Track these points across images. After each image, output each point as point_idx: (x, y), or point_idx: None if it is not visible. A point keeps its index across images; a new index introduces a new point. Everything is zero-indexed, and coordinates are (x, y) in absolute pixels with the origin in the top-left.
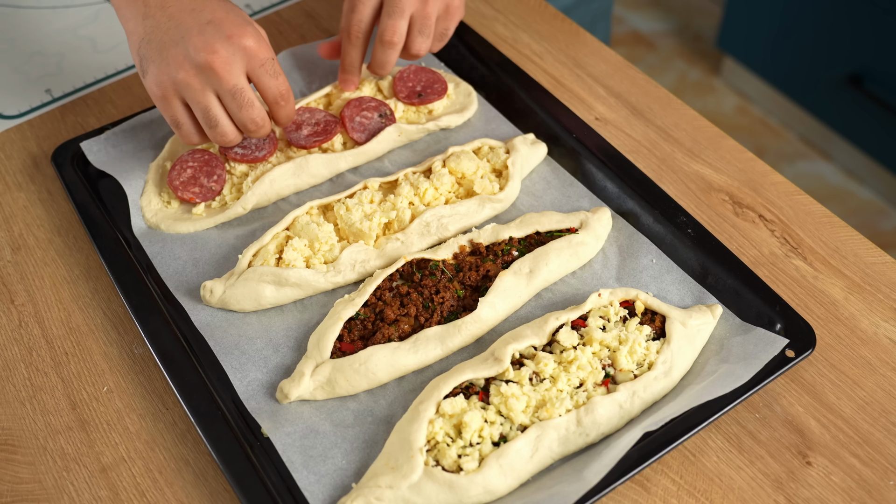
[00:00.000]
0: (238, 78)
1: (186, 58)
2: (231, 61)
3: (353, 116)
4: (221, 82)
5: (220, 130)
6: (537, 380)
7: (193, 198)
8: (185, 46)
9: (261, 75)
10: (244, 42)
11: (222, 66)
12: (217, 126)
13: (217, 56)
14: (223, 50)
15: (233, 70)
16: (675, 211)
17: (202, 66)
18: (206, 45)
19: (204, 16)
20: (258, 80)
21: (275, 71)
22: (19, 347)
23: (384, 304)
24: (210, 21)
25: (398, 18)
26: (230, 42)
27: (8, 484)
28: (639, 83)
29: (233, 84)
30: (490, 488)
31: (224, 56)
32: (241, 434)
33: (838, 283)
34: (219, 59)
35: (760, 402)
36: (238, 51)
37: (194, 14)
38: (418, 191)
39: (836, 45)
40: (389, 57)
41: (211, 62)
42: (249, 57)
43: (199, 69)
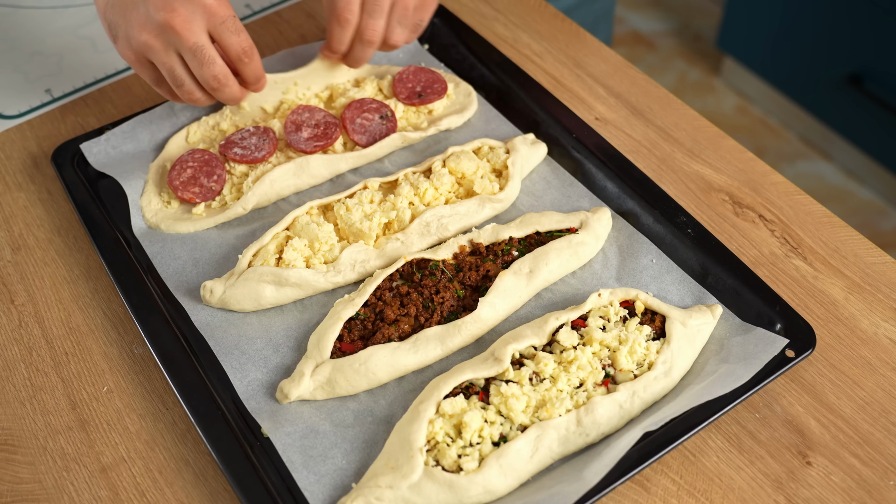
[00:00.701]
0: (198, 35)
1: (147, 18)
2: (190, 19)
3: (354, 118)
4: (181, 40)
5: (185, 89)
6: (537, 380)
7: (193, 198)
8: (146, 6)
9: (222, 32)
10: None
11: (182, 24)
12: (182, 85)
13: (176, 14)
14: (182, 8)
15: (192, 28)
16: (675, 211)
17: (162, 25)
18: (165, 4)
19: None
20: (220, 37)
21: (236, 28)
22: (19, 347)
23: (384, 304)
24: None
25: (379, 18)
26: (189, 0)
27: (8, 484)
28: (639, 83)
29: (193, 42)
30: (490, 488)
31: (183, 14)
32: (241, 434)
33: (838, 283)
34: (178, 18)
35: (760, 402)
36: (197, 9)
37: None
38: (418, 191)
39: (836, 45)
40: (367, 53)
41: (170, 20)
42: (209, 14)
43: (161, 29)
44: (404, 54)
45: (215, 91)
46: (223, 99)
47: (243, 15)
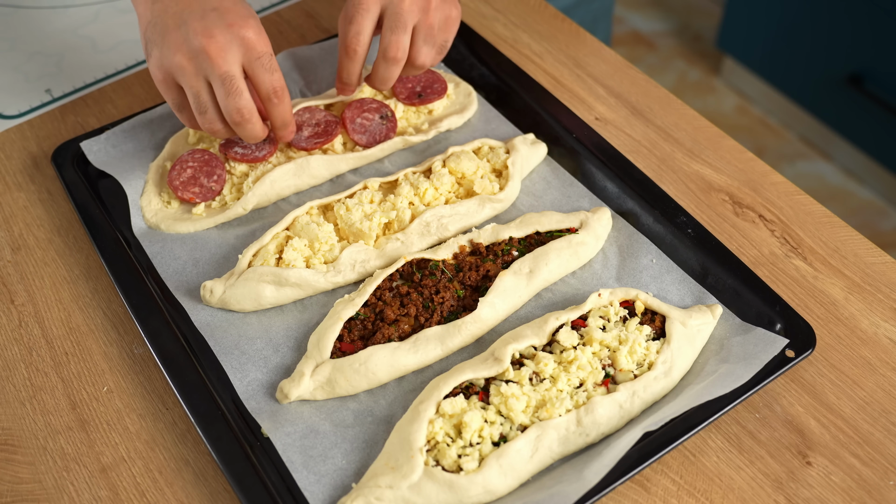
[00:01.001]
0: (231, 66)
1: (185, 41)
2: (227, 48)
3: (354, 118)
4: (213, 67)
5: (208, 117)
6: (537, 380)
7: (193, 198)
8: (186, 30)
9: (256, 68)
10: (244, 32)
11: (217, 52)
12: (206, 113)
13: (213, 41)
14: (220, 36)
15: (227, 57)
16: (675, 211)
17: (197, 50)
18: (205, 29)
19: (210, 3)
20: (253, 72)
21: (271, 66)
22: (19, 347)
23: (384, 304)
24: (215, 8)
25: (401, 33)
26: (229, 30)
27: (8, 484)
28: (639, 83)
29: (224, 70)
30: (490, 488)
31: (220, 42)
32: (241, 434)
33: (838, 283)
34: (214, 45)
35: (760, 402)
36: (235, 39)
37: (201, 1)
38: (418, 191)
39: (836, 45)
40: (393, 73)
41: (206, 46)
42: (247, 48)
43: (195, 53)
44: None
45: (237, 125)
46: (243, 135)
47: None
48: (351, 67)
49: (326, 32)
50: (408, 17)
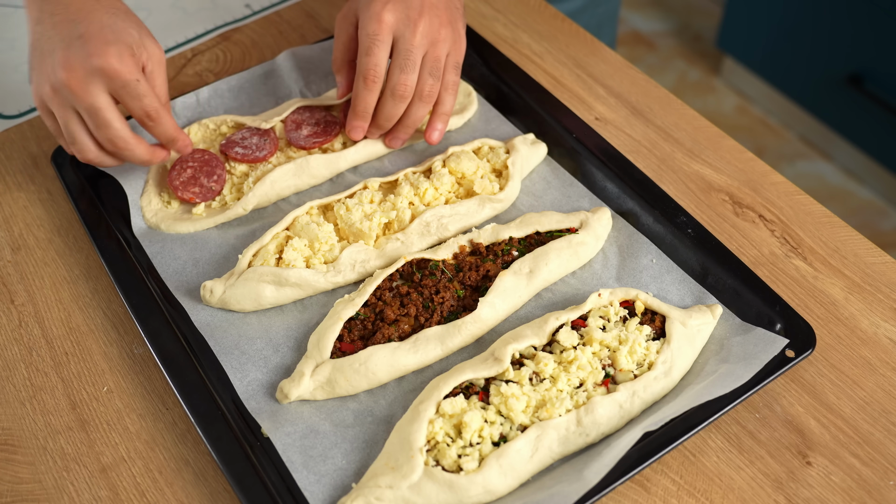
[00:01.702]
0: (95, 97)
1: (52, 72)
2: (88, 81)
3: None
4: (77, 100)
5: (77, 147)
6: (537, 380)
7: (193, 198)
8: (53, 60)
9: (123, 97)
10: (100, 62)
11: (77, 85)
12: (74, 143)
13: (73, 75)
14: (80, 69)
15: (89, 89)
16: (675, 211)
17: (61, 83)
18: (66, 61)
19: (77, 29)
20: (122, 100)
21: (137, 93)
22: (19, 347)
23: (384, 304)
24: (80, 35)
25: (410, 72)
26: (89, 61)
27: (8, 484)
28: (639, 83)
29: (89, 103)
30: (490, 488)
31: (79, 75)
32: (241, 434)
33: (838, 283)
34: (74, 79)
35: (760, 402)
36: (96, 71)
37: (72, 26)
38: (418, 191)
39: (836, 45)
40: (399, 110)
41: (67, 81)
42: (109, 77)
43: (58, 86)
44: None
45: (115, 153)
46: (131, 160)
47: (243, 15)
48: (369, 98)
49: (326, 32)
50: (417, 55)
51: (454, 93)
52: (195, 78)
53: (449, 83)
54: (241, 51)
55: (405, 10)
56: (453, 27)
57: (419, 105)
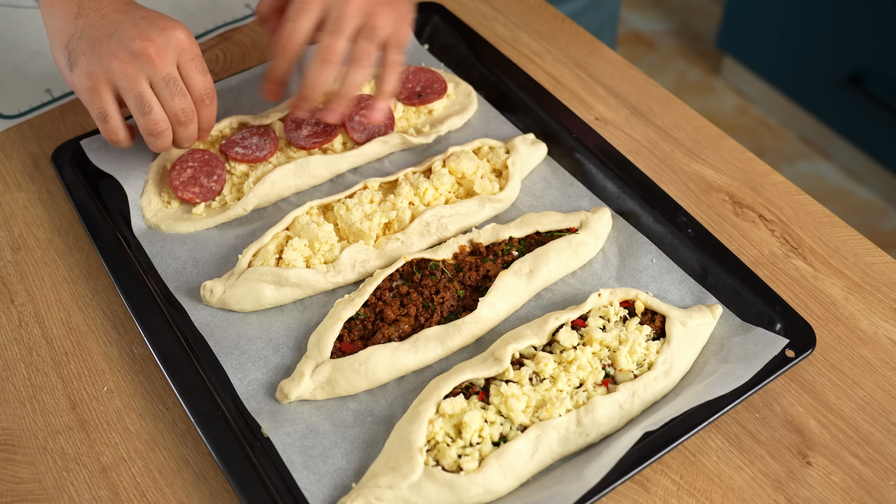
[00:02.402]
0: (171, 66)
1: (121, 46)
2: (165, 50)
3: (353, 115)
4: (156, 69)
5: (153, 118)
6: (537, 380)
7: (193, 198)
8: (120, 37)
9: (190, 69)
10: (177, 34)
11: (157, 53)
12: (151, 112)
13: (152, 43)
14: (158, 38)
15: (167, 58)
16: (675, 211)
17: (137, 52)
18: (141, 33)
19: (138, 13)
20: (187, 74)
21: (203, 68)
22: (19, 347)
23: (384, 304)
24: (144, 16)
25: (338, 37)
26: (164, 33)
27: (8, 484)
28: (639, 83)
29: (167, 72)
30: (490, 488)
31: (159, 44)
32: (241, 434)
33: (838, 283)
34: (153, 46)
35: (760, 402)
36: (171, 41)
37: (128, 12)
38: (418, 191)
39: (837, 45)
40: (324, 76)
41: (146, 49)
42: (182, 49)
43: (134, 56)
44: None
45: (180, 125)
46: (182, 136)
47: (243, 15)
48: (281, 65)
49: None
50: (347, 22)
51: (397, 72)
52: None
53: (393, 62)
54: (241, 51)
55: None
56: (394, 7)
57: (354, 70)
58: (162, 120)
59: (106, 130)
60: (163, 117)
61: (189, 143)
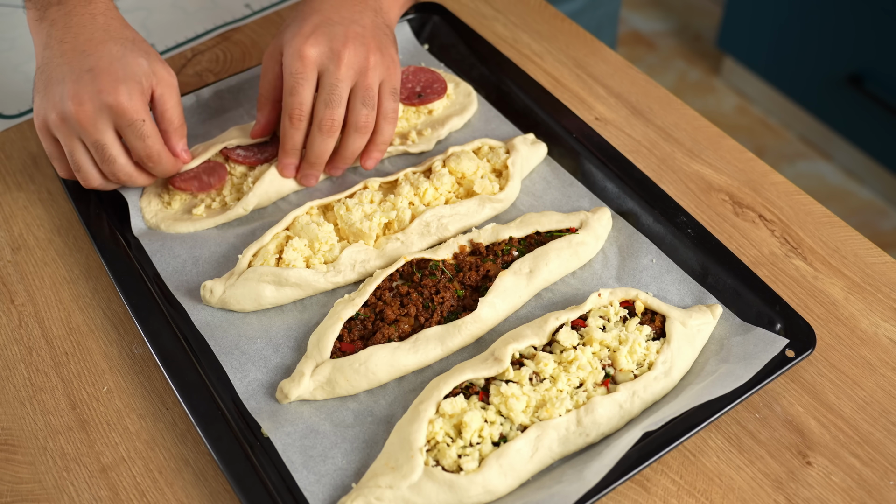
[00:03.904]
0: (102, 133)
1: (61, 100)
2: (96, 116)
3: None
4: (84, 134)
5: (82, 175)
6: (537, 380)
7: (189, 187)
8: (62, 90)
9: (127, 135)
10: (110, 99)
11: (86, 120)
12: (79, 170)
13: (82, 109)
14: (89, 104)
15: (97, 125)
16: (675, 211)
17: (69, 115)
18: (76, 94)
19: (88, 62)
20: (125, 138)
21: (142, 133)
22: (19, 347)
23: (384, 304)
24: (90, 69)
25: (335, 107)
26: (99, 97)
27: (8, 484)
28: (639, 83)
29: (95, 138)
30: (490, 488)
31: (88, 110)
32: (241, 434)
33: (838, 283)
34: (83, 113)
35: (760, 402)
36: (104, 107)
37: (81, 57)
38: (418, 191)
39: (837, 45)
40: (328, 145)
41: (76, 113)
42: (116, 115)
43: (66, 117)
44: (404, 55)
45: (114, 183)
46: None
47: (243, 15)
48: (296, 136)
49: None
50: (343, 89)
51: (393, 121)
52: (195, 78)
53: (387, 111)
54: (241, 51)
55: (328, 42)
56: (383, 52)
57: (354, 136)
58: (93, 178)
59: (55, 167)
60: (94, 175)
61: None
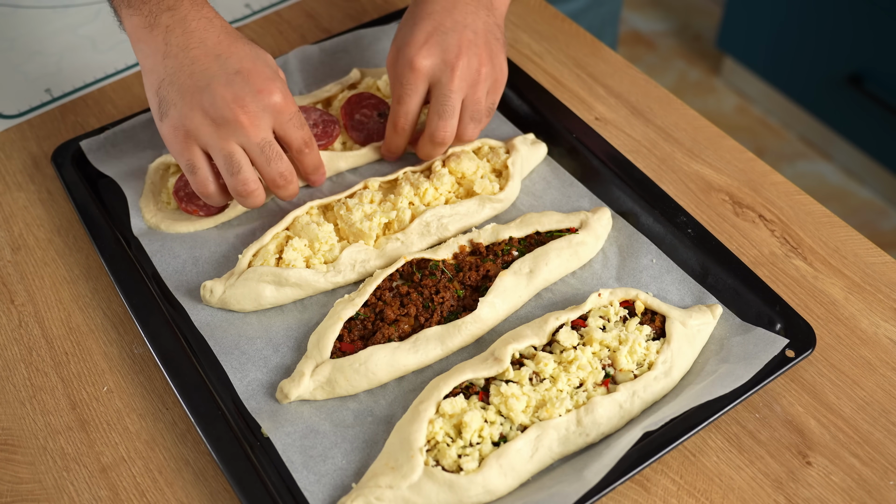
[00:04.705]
0: (266, 132)
1: (213, 107)
2: (260, 116)
3: (353, 114)
4: (249, 137)
5: (241, 178)
6: (537, 380)
7: (197, 210)
8: (212, 96)
9: (288, 129)
10: (273, 99)
11: (250, 122)
12: (240, 172)
13: (245, 112)
14: (252, 105)
15: (261, 125)
16: (675, 211)
17: (230, 119)
18: (236, 98)
19: (231, 64)
20: (285, 132)
21: (300, 122)
22: (19, 347)
23: (384, 304)
24: (238, 71)
25: (448, 118)
26: (259, 98)
27: (8, 484)
28: (639, 83)
29: (261, 138)
30: (490, 488)
31: (253, 111)
32: (241, 434)
33: (838, 283)
34: (247, 116)
35: (760, 402)
36: (267, 107)
37: (220, 61)
38: (418, 191)
39: (837, 45)
40: (438, 152)
41: (238, 117)
42: (277, 112)
43: (225, 121)
44: None
45: (278, 188)
46: (282, 195)
47: (243, 15)
48: (399, 142)
49: (326, 32)
50: (455, 101)
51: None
52: None
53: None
54: None
55: (441, 53)
56: (493, 63)
57: (456, 145)
58: (252, 180)
59: (195, 182)
60: (252, 177)
61: (290, 199)
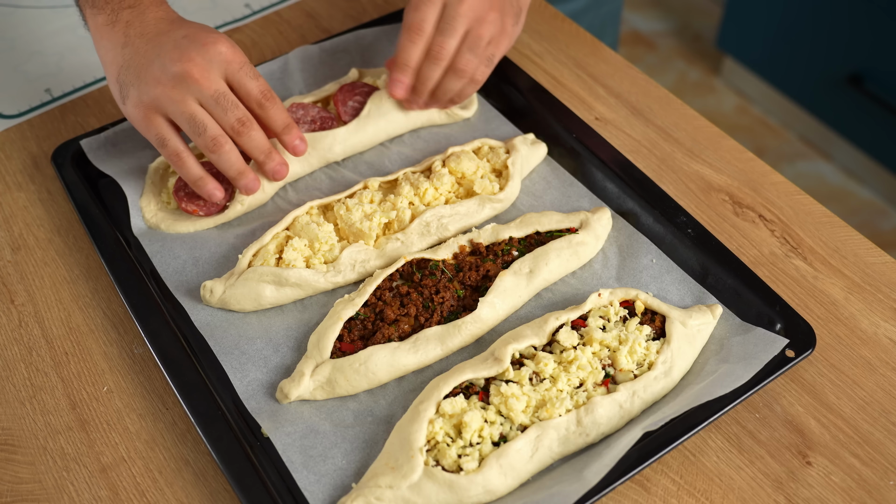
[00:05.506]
0: (217, 82)
1: (164, 71)
2: (208, 67)
3: (346, 101)
4: (202, 88)
5: (209, 135)
6: (537, 380)
7: (196, 210)
8: (162, 62)
9: (240, 78)
10: (218, 48)
11: (200, 73)
12: (205, 131)
13: (193, 63)
14: (199, 57)
15: (211, 75)
16: (675, 211)
17: (180, 75)
18: (182, 55)
19: (179, 32)
20: (238, 82)
21: (254, 73)
22: (19, 347)
23: (384, 304)
24: (185, 35)
25: (449, 36)
26: (204, 49)
27: (8, 484)
28: (639, 83)
29: (214, 89)
30: (490, 488)
31: (200, 63)
32: (241, 434)
33: (838, 283)
34: (195, 67)
35: (760, 402)
36: (214, 56)
37: (171, 32)
38: (418, 191)
39: (836, 45)
40: (434, 72)
41: (188, 70)
42: (226, 62)
43: (178, 79)
44: None
45: (240, 135)
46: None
47: (243, 15)
48: (412, 51)
49: (326, 32)
50: (460, 22)
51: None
52: None
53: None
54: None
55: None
56: (502, 17)
57: (451, 77)
58: (219, 135)
59: (168, 154)
60: (219, 132)
61: (261, 152)
